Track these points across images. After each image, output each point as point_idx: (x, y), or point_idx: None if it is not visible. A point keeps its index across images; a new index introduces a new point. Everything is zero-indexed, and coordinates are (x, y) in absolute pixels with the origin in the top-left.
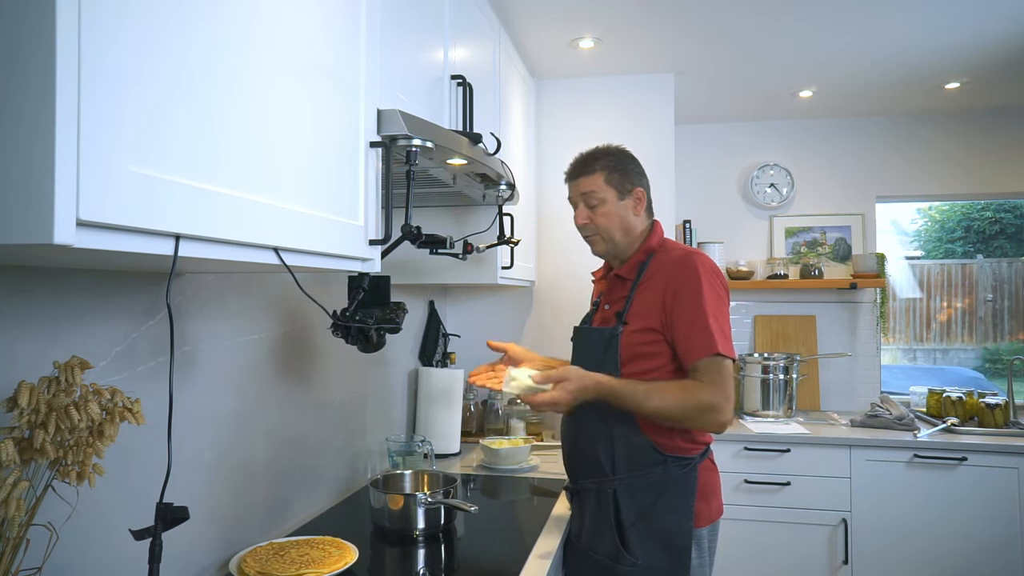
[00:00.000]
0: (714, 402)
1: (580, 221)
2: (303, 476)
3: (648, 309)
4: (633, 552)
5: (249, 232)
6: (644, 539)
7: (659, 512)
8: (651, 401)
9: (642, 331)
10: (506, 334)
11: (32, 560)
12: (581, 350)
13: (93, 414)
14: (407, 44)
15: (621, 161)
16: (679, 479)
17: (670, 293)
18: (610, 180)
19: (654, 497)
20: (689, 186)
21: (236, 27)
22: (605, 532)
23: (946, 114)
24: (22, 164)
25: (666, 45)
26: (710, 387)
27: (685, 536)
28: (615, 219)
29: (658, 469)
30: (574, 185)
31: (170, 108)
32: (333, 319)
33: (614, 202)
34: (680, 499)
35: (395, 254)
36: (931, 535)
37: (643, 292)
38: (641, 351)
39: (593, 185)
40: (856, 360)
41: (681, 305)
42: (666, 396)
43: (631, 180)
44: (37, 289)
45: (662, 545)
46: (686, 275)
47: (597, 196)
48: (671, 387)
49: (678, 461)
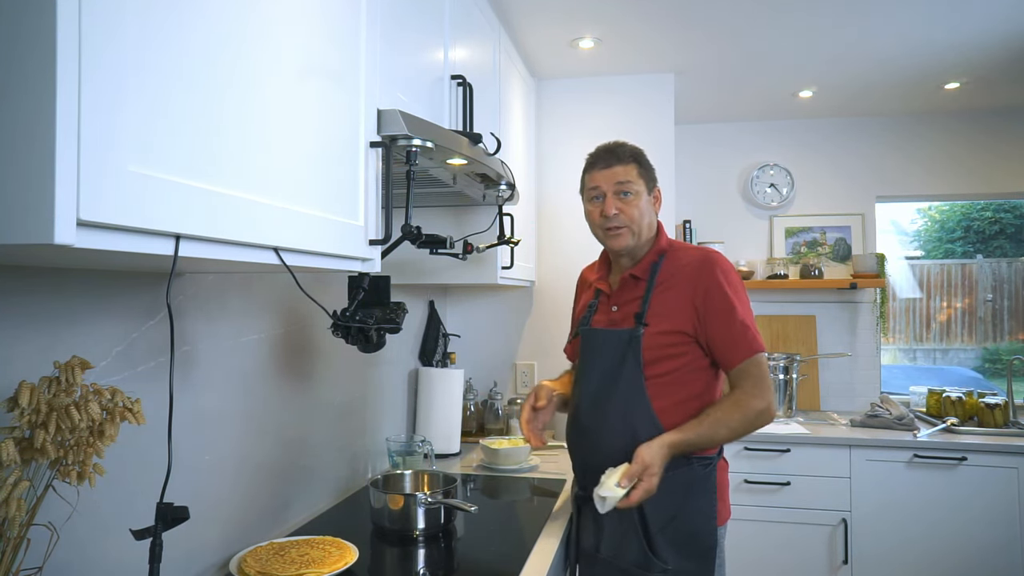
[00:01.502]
0: (765, 406)
1: (610, 211)
2: (303, 476)
3: (674, 311)
4: (662, 557)
5: (249, 232)
6: (673, 543)
7: (687, 514)
8: (719, 433)
9: (667, 333)
10: (506, 334)
11: (33, 560)
12: (594, 353)
13: (93, 414)
14: (407, 44)
15: (645, 157)
16: (703, 479)
17: (700, 296)
18: (642, 173)
19: (681, 499)
20: (689, 186)
21: (235, 27)
22: (631, 539)
23: (946, 114)
24: (22, 164)
25: (666, 45)
26: (756, 391)
27: (711, 536)
28: (645, 213)
29: (683, 470)
30: (606, 174)
31: (170, 109)
32: (333, 319)
33: (645, 196)
34: (705, 499)
35: (395, 254)
36: (931, 535)
37: (663, 293)
38: (665, 352)
39: (629, 175)
40: (856, 360)
41: (715, 308)
42: (729, 421)
43: (654, 178)
44: (37, 289)
45: (690, 547)
46: (714, 276)
47: (633, 187)
48: (728, 410)
49: (701, 460)
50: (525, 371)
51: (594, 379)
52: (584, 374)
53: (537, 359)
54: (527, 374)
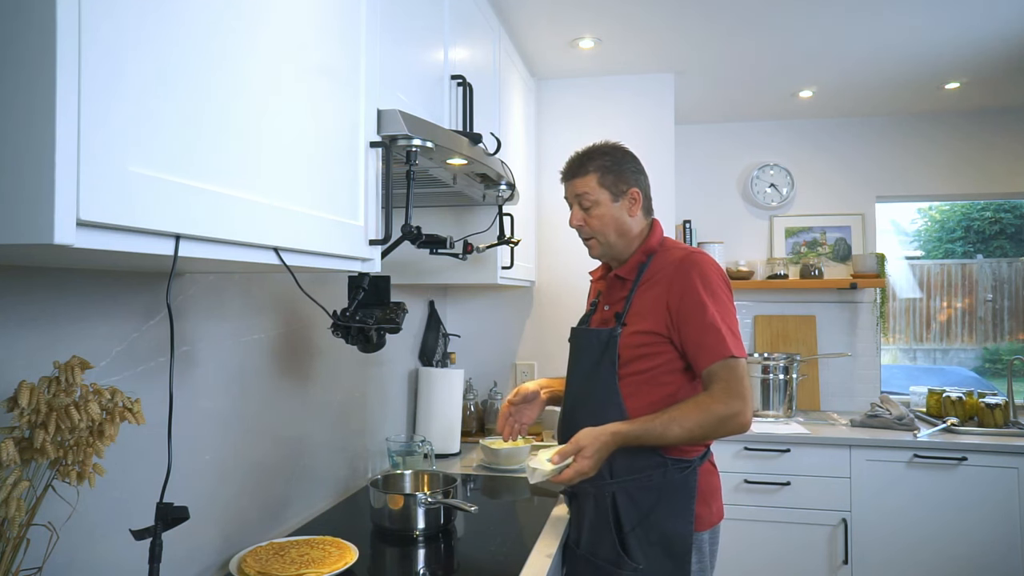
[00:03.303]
0: (731, 411)
1: (575, 223)
2: (303, 476)
3: (650, 311)
4: (634, 556)
5: (249, 232)
6: (644, 543)
7: (659, 516)
8: (671, 431)
9: (642, 333)
10: (506, 334)
11: (32, 560)
12: (578, 352)
13: (93, 414)
14: (407, 44)
15: (617, 161)
16: (679, 482)
17: (675, 296)
18: (603, 182)
19: (654, 501)
20: (689, 186)
21: (235, 27)
22: (605, 536)
23: (946, 114)
24: (22, 164)
25: (666, 45)
26: (723, 395)
27: (685, 540)
28: (609, 221)
29: (658, 472)
30: (568, 186)
31: (170, 109)
32: (333, 319)
33: (608, 204)
34: (680, 503)
35: (395, 254)
36: (931, 535)
37: (643, 293)
38: (640, 352)
39: (586, 187)
40: (856, 360)
41: (687, 309)
42: (684, 421)
43: (626, 181)
44: (37, 289)
45: (663, 549)
46: (689, 277)
47: (590, 198)
48: (687, 409)
49: (678, 464)
50: (525, 371)
51: (575, 379)
52: (569, 373)
53: (537, 359)
54: (527, 374)
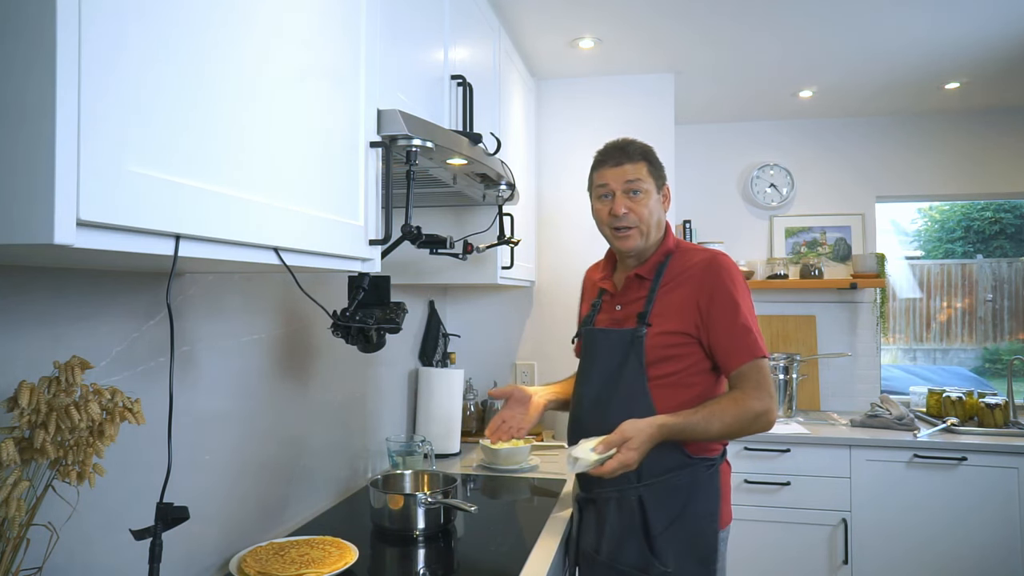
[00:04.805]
0: (765, 408)
1: (619, 211)
2: (303, 476)
3: (677, 312)
4: (663, 559)
5: (249, 232)
6: (673, 545)
7: (689, 516)
8: (713, 426)
9: (670, 333)
10: (506, 334)
11: (32, 560)
12: (597, 353)
13: (93, 414)
14: (407, 44)
15: (655, 155)
16: (706, 481)
17: (704, 298)
18: (651, 172)
19: (684, 501)
20: (689, 186)
21: (235, 27)
22: (631, 541)
23: (946, 114)
24: (22, 164)
25: (666, 45)
26: (756, 393)
27: (713, 538)
28: (654, 212)
29: (686, 472)
30: (615, 172)
31: (170, 109)
32: (333, 319)
33: (654, 195)
34: (708, 501)
35: (395, 254)
36: (931, 535)
37: (668, 294)
38: (667, 353)
39: (638, 173)
40: (856, 360)
41: (718, 310)
42: (724, 416)
43: (662, 176)
44: (37, 289)
45: (691, 550)
46: (720, 278)
47: (643, 186)
48: (724, 405)
49: (704, 462)
50: (525, 371)
51: (596, 380)
52: (585, 374)
53: (537, 359)
54: (527, 374)
